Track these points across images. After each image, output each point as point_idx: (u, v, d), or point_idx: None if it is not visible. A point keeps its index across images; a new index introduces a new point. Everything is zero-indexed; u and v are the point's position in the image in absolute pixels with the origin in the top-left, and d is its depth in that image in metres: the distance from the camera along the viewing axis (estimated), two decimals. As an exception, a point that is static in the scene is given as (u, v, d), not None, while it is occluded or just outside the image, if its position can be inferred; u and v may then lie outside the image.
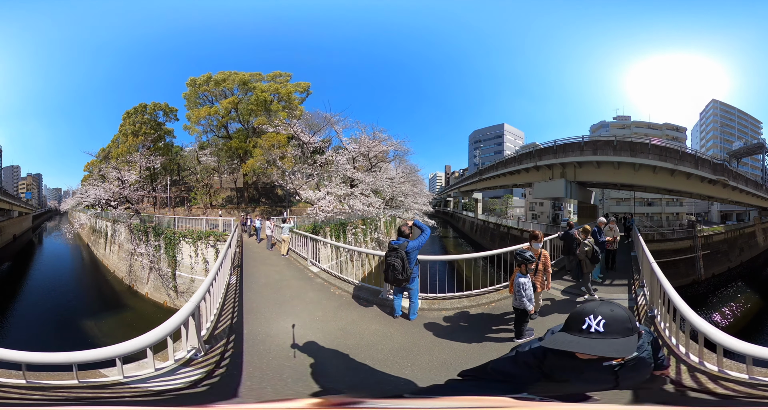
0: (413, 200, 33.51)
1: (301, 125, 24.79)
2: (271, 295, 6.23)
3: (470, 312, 5.20)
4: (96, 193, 22.38)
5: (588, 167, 24.32)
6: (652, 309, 4.69)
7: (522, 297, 4.06)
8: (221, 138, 30.89)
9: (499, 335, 4.47)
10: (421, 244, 4.92)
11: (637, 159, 21.71)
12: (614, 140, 23.00)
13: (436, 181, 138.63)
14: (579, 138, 24.23)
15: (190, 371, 2.91)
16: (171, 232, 17.72)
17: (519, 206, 61.52)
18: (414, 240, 4.90)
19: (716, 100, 64.51)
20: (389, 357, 3.76)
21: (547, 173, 26.37)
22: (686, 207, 47.76)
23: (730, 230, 31.45)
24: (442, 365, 3.58)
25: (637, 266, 7.82)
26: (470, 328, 4.69)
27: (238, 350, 3.63)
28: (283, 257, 10.07)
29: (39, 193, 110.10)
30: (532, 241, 4.93)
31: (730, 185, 22.67)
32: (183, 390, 2.64)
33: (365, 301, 5.62)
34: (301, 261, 9.16)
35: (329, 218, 18.86)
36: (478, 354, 3.85)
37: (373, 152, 23.34)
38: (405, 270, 4.70)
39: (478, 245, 38.86)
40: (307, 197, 18.95)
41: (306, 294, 6.23)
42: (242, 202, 31.21)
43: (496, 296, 5.83)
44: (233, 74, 28.41)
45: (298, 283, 7.11)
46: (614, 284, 7.11)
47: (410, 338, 4.28)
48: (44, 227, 61.58)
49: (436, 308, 5.40)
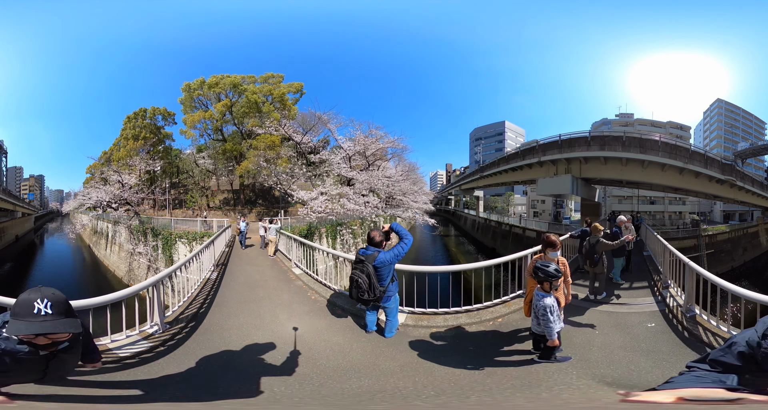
0: (413, 199, 33.22)
1: (295, 126, 24.89)
2: (245, 293, 6.38)
3: (468, 330, 4.48)
4: (98, 195, 22.90)
5: (594, 163, 23.52)
6: (692, 309, 4.49)
7: (549, 323, 3.19)
8: (217, 141, 31.21)
9: (507, 358, 3.65)
10: (397, 256, 3.88)
11: (646, 156, 21.00)
12: (623, 135, 22.11)
13: (438, 179, 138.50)
14: (585, 133, 23.62)
15: (148, 343, 3.84)
16: (168, 233, 18.13)
17: (521, 204, 61.44)
18: (388, 251, 3.90)
19: (721, 100, 64.11)
20: (323, 376, 3.13)
21: (551, 169, 25.50)
22: (689, 206, 47.48)
23: (734, 230, 31.46)
24: (397, 394, 2.83)
25: (654, 265, 7.54)
26: (465, 350, 3.93)
27: (189, 335, 4.20)
28: (270, 258, 10.38)
29: (41, 194, 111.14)
30: (548, 249, 3.87)
31: (737, 185, 22.26)
32: (142, 355, 3.52)
33: (340, 309, 5.16)
34: (287, 262, 9.29)
35: (325, 219, 18.80)
36: (470, 382, 3.00)
37: (370, 150, 23.04)
38: (372, 289, 3.73)
39: (480, 243, 38.87)
40: (300, 197, 18.89)
41: (280, 296, 6.20)
42: (239, 204, 31.42)
43: (503, 310, 5.03)
44: (226, 77, 28.89)
45: (276, 284, 7.13)
46: (634, 287, 6.59)
47: (373, 358, 3.59)
48: (46, 228, 62.13)
49: (424, 325, 4.61)
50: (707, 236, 26.84)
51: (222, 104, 28.52)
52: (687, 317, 4.43)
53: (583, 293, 5.92)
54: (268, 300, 5.91)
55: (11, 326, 1.48)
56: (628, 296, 5.89)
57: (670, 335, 4.14)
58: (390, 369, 3.34)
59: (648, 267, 7.75)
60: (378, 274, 3.82)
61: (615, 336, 4.13)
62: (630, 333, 4.22)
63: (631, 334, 4.19)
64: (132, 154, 28.48)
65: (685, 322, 4.34)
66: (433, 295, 4.86)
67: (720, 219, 46.76)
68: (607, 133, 24.94)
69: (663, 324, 4.48)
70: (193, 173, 33.93)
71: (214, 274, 7.68)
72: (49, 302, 1.49)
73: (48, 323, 1.47)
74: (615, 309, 5.20)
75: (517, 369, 3.28)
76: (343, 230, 20.77)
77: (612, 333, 4.25)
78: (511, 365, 3.43)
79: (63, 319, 1.52)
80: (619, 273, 6.96)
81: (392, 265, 3.93)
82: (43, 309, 1.47)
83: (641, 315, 4.92)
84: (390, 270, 3.93)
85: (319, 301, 5.78)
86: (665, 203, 48.29)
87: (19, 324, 1.45)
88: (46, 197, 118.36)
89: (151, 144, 30.84)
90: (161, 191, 29.97)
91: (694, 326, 4.19)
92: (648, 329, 4.36)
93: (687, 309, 4.55)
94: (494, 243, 34.68)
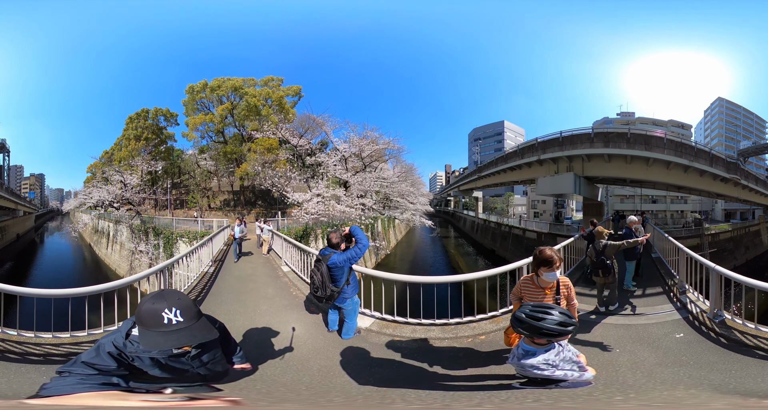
0: (410, 200, 32.80)
1: (294, 128, 25.18)
2: (236, 285, 7.20)
3: (435, 344, 4.09)
4: (99, 195, 23.35)
5: (597, 161, 22.61)
6: (720, 313, 4.30)
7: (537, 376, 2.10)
8: (218, 143, 31.72)
9: (474, 382, 3.09)
10: (350, 260, 3.97)
11: (651, 153, 20.18)
12: (628, 132, 21.33)
13: (437, 180, 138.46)
14: (588, 129, 22.91)
15: None
16: (169, 232, 18.46)
17: (521, 204, 61.38)
18: (342, 253, 4.03)
19: (722, 99, 64.21)
20: (263, 358, 3.45)
21: (552, 167, 24.37)
22: (690, 205, 47.52)
23: (736, 229, 31.60)
24: (303, 391, 2.81)
25: (666, 268, 7.21)
26: (423, 367, 3.43)
27: None
28: (264, 256, 11.14)
29: (41, 193, 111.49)
30: (542, 269, 2.64)
31: (741, 183, 21.96)
32: None
33: (314, 306, 5.31)
34: (278, 261, 9.90)
35: (318, 220, 19.20)
36: (368, 396, 2.35)
37: (366, 151, 23.05)
38: (324, 287, 3.93)
39: (479, 244, 38.84)
40: (294, 199, 19.25)
41: (265, 290, 6.83)
42: (239, 205, 31.78)
43: (488, 327, 4.44)
44: (227, 80, 29.57)
45: (265, 279, 7.83)
46: (647, 293, 6.14)
47: (316, 353, 3.74)
48: (46, 227, 62.40)
49: (388, 333, 4.38)
50: (710, 235, 26.99)
51: (223, 107, 29.16)
52: (716, 322, 4.19)
53: (590, 306, 5.30)
54: (255, 292, 6.62)
55: (145, 339, 1.42)
56: (643, 305, 5.42)
57: (706, 343, 3.88)
58: (325, 366, 3.46)
59: (659, 271, 7.30)
60: (331, 274, 3.98)
61: (643, 353, 3.69)
62: (660, 347, 3.83)
63: (662, 348, 3.82)
64: (134, 154, 28.97)
65: (717, 328, 4.09)
66: (429, 303, 4.56)
67: (721, 218, 46.90)
68: (611, 129, 23.93)
69: (692, 333, 4.19)
70: (194, 174, 34.24)
71: (212, 268, 8.68)
72: (178, 310, 1.42)
73: (184, 332, 1.40)
74: (631, 321, 4.72)
75: (487, 394, 2.42)
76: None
77: (637, 349, 3.80)
78: (477, 389, 2.87)
79: (196, 324, 1.45)
80: (630, 279, 6.52)
81: (345, 267, 4.02)
82: (173, 319, 1.40)
83: (664, 324, 4.51)
84: (343, 272, 4.04)
85: (299, 297, 6.18)
86: (667, 202, 48.38)
87: (154, 337, 1.39)
88: (46, 195, 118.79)
89: (153, 145, 31.26)
90: (162, 191, 30.64)
91: (728, 331, 3.99)
92: (678, 340, 4.02)
93: (714, 314, 4.34)
94: (494, 245, 34.50)
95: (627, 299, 5.66)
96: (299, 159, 25.34)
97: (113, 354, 1.53)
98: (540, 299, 2.74)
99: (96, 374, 1.45)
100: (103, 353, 1.52)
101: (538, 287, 2.78)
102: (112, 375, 1.47)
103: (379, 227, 29.87)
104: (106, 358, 1.51)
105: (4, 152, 65.63)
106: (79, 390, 1.30)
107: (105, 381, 1.42)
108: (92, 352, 1.52)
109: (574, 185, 22.67)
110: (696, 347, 3.82)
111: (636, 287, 6.42)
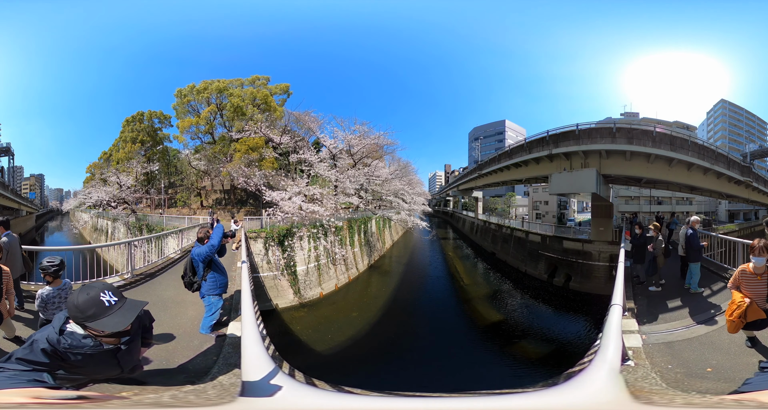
0: (405, 199, 32.43)
1: (290, 125, 25.68)
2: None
3: None
4: (98, 195, 24.78)
5: (616, 158, 20.90)
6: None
7: None
8: (208, 144, 33.17)
9: None
10: (199, 255, 4.58)
11: (677, 154, 19.50)
12: (653, 130, 20.24)
13: (436, 180, 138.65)
14: (610, 123, 21.58)
15: (123, 282, 7.33)
16: (160, 228, 19.58)
17: (522, 205, 61.24)
18: (199, 247, 4.72)
19: (725, 101, 64.60)
20: None
21: (564, 163, 22.21)
22: (695, 206, 47.65)
23: (743, 229, 31.91)
24: None
25: (720, 274, 7.29)
26: None
27: (143, 283, 7.68)
28: (234, 251, 12.47)
29: (41, 193, 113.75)
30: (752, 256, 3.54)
31: (752, 185, 22.61)
32: (120, 287, 6.30)
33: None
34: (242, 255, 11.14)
35: (301, 220, 18.79)
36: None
37: (355, 147, 22.32)
38: (186, 274, 4.73)
39: (479, 247, 37.99)
40: (272, 197, 18.80)
41: None
42: (230, 204, 32.77)
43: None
44: (213, 83, 30.99)
45: None
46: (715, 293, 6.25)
47: (180, 340, 4.33)
48: (46, 227, 64.05)
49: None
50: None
51: (208, 110, 30.73)
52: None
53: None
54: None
55: (99, 325, 1.54)
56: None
57: None
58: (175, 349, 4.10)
59: (718, 274, 7.36)
60: (192, 265, 4.70)
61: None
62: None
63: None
64: (130, 156, 30.30)
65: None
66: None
67: (725, 218, 47.10)
68: (636, 125, 22.58)
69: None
70: (187, 174, 35.34)
71: (178, 255, 10.82)
72: (109, 292, 1.58)
73: (126, 307, 1.58)
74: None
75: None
76: (325, 232, 20.19)
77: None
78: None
79: (128, 300, 1.63)
80: (697, 282, 6.64)
81: (199, 260, 4.61)
82: (111, 300, 1.57)
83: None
84: (198, 265, 4.63)
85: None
86: (672, 204, 48.53)
87: (110, 319, 1.53)
88: (46, 196, 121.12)
89: (148, 146, 32.64)
90: (157, 190, 32.70)
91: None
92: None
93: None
94: (494, 247, 33.47)
95: (700, 304, 5.70)
96: (285, 157, 25.68)
97: (47, 351, 1.59)
98: (755, 286, 3.19)
99: (29, 370, 1.51)
100: (37, 349, 1.57)
101: (753, 274, 3.27)
102: (43, 372, 1.52)
103: (374, 228, 29.97)
104: (39, 354, 1.56)
105: (9, 155, 67.85)
106: (8, 386, 1.36)
107: (36, 377, 1.48)
108: (26, 348, 1.58)
109: (597, 182, 20.55)
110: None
111: (702, 289, 6.52)
